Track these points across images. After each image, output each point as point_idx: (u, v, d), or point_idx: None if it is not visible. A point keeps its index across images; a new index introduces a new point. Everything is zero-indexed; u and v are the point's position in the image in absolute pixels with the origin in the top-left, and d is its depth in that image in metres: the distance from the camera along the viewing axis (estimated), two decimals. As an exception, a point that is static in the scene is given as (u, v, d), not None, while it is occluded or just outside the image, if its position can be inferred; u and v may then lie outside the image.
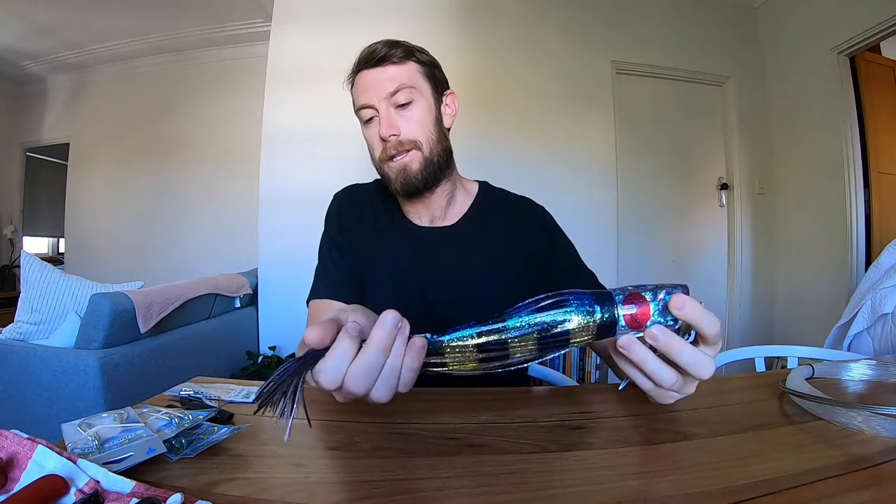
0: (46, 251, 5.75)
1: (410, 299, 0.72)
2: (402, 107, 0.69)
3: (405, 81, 0.69)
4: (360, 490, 0.33)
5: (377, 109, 0.69)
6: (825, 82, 2.35)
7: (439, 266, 0.74)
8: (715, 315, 0.37)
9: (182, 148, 3.50)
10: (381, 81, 0.69)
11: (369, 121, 0.71)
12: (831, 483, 0.33)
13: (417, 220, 0.77)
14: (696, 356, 0.36)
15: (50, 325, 1.52)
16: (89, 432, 0.38)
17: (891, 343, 1.24)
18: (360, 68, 0.71)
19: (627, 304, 0.36)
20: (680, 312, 0.35)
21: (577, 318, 0.34)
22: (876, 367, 0.59)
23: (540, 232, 0.79)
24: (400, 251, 0.75)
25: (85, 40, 3.43)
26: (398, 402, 0.52)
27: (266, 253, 2.38)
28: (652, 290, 0.36)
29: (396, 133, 0.69)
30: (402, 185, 0.71)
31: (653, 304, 0.36)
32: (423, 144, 0.70)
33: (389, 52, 0.69)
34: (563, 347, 0.35)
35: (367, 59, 0.70)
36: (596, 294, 0.36)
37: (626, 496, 0.32)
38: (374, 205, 0.80)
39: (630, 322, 0.36)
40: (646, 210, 2.63)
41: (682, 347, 0.36)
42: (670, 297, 0.36)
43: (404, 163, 0.70)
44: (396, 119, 0.69)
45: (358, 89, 0.72)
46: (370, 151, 0.74)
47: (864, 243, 2.24)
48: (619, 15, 2.58)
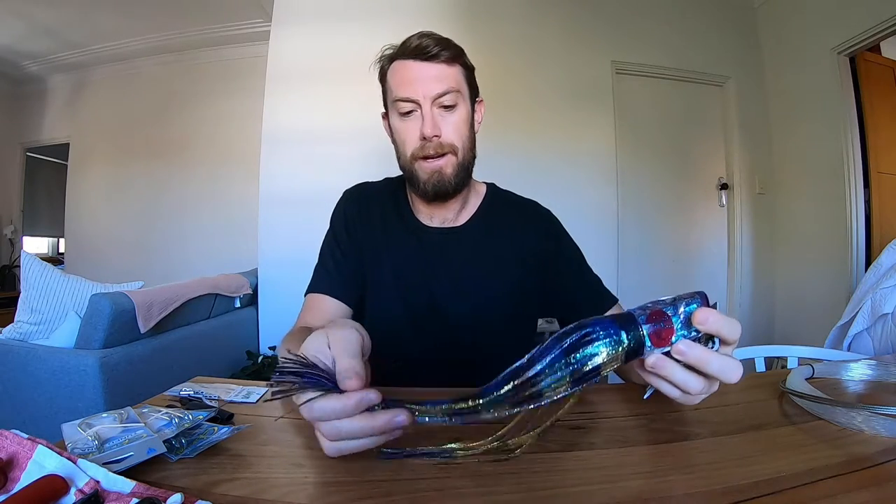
0: (46, 251, 5.75)
1: (415, 297, 0.72)
2: (446, 109, 0.68)
3: (453, 85, 0.68)
4: (360, 490, 0.33)
5: (420, 106, 0.67)
6: (825, 82, 2.35)
7: (447, 265, 0.73)
8: (734, 319, 0.37)
9: (182, 148, 3.50)
10: (429, 79, 0.67)
11: (407, 114, 0.69)
12: (831, 483, 0.33)
13: (428, 220, 0.77)
14: (724, 364, 0.37)
15: (50, 325, 1.52)
16: (89, 432, 0.38)
17: (891, 343, 1.24)
18: (404, 58, 0.69)
19: (650, 322, 0.36)
20: (703, 327, 0.36)
21: (606, 350, 0.34)
22: (876, 367, 0.59)
23: (546, 235, 0.79)
24: (406, 250, 0.74)
25: (85, 40, 3.43)
26: (398, 402, 0.52)
27: (266, 253, 2.38)
28: (672, 305, 0.36)
29: (440, 135, 0.68)
30: (433, 188, 0.69)
31: (674, 318, 0.36)
32: (458, 150, 0.70)
33: (441, 50, 0.67)
34: (594, 378, 0.35)
35: (414, 51, 0.67)
36: (619, 319, 0.36)
37: (626, 496, 0.32)
38: (383, 203, 0.79)
39: (655, 340, 0.36)
40: (646, 210, 2.63)
41: (710, 358, 0.36)
42: (692, 311, 0.36)
43: (440, 165, 0.69)
44: (440, 120, 0.68)
45: (398, 79, 0.69)
46: (399, 146, 0.72)
47: (864, 243, 2.24)
48: (619, 15, 2.58)
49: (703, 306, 0.37)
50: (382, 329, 0.72)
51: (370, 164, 2.12)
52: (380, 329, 0.72)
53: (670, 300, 0.37)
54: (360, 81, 2.37)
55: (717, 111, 2.75)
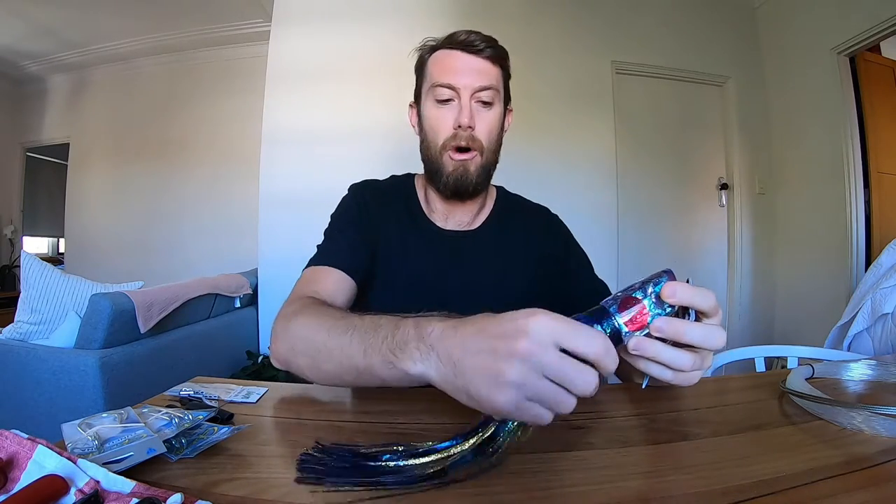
0: (46, 251, 5.75)
1: (426, 299, 0.70)
2: (483, 104, 0.68)
3: (494, 82, 0.68)
4: (360, 490, 0.33)
5: (459, 95, 0.67)
6: (825, 82, 2.35)
7: (460, 269, 0.73)
8: (706, 288, 0.38)
9: (182, 148, 3.50)
10: (472, 71, 0.67)
11: (445, 101, 0.68)
12: (831, 483, 0.33)
13: (442, 222, 0.76)
14: (704, 331, 0.37)
15: (50, 325, 1.52)
16: (89, 432, 0.37)
17: (891, 343, 1.24)
18: (449, 48, 0.69)
19: (623, 310, 0.36)
20: (673, 300, 0.37)
21: None
22: (876, 367, 0.59)
23: (556, 242, 0.79)
24: (420, 251, 0.73)
25: (85, 40, 3.43)
26: (398, 403, 0.52)
27: (266, 253, 2.38)
28: (640, 288, 0.37)
29: (474, 126, 0.67)
30: (454, 182, 0.69)
31: (646, 300, 0.37)
32: (485, 150, 0.69)
33: (487, 47, 0.68)
34: None
35: (461, 43, 0.68)
36: (590, 313, 0.36)
37: (626, 496, 0.32)
38: (395, 201, 0.78)
39: (632, 325, 0.36)
40: (646, 210, 2.63)
41: (687, 329, 0.37)
42: (660, 288, 0.37)
43: (465, 161, 0.69)
44: (476, 115, 0.68)
45: (442, 66, 0.69)
46: (429, 134, 0.71)
47: (864, 243, 2.24)
48: (619, 15, 2.58)
49: (670, 282, 0.37)
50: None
51: (370, 163, 2.13)
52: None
53: (639, 284, 0.38)
54: (360, 81, 2.39)
55: (717, 111, 2.75)
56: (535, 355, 0.31)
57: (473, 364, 0.33)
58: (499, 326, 0.33)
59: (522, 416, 0.32)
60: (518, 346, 0.31)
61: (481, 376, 0.32)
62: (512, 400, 0.31)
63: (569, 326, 0.32)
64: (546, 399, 0.32)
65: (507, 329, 0.33)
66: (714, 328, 0.38)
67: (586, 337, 0.32)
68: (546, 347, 0.31)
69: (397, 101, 2.46)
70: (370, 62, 2.37)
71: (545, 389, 0.31)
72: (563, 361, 0.31)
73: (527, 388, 0.31)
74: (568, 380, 0.31)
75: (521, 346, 0.31)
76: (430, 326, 0.37)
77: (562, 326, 0.32)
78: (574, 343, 0.32)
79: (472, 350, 0.34)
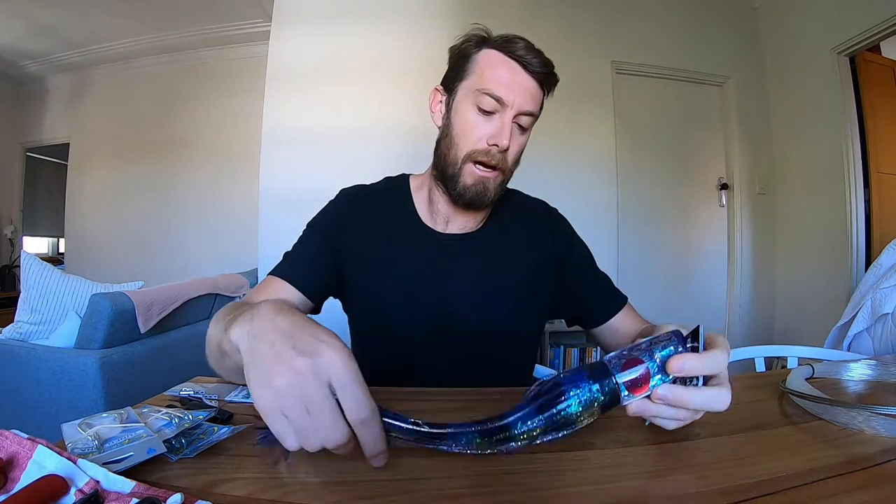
0: (46, 251, 5.75)
1: (424, 304, 0.69)
2: (520, 128, 0.66)
3: (536, 110, 0.66)
4: (361, 490, 0.33)
5: (503, 111, 0.63)
6: (825, 82, 2.35)
7: (462, 272, 0.71)
8: (719, 349, 0.37)
9: (182, 148, 3.50)
10: (525, 91, 0.64)
11: (488, 112, 0.64)
12: (831, 483, 0.33)
13: (442, 226, 0.72)
14: (708, 397, 0.37)
15: (50, 325, 1.52)
16: (89, 432, 0.38)
17: (891, 343, 1.24)
18: (508, 54, 0.64)
19: (625, 370, 0.36)
20: (681, 374, 0.36)
21: (580, 407, 0.34)
22: (876, 367, 0.59)
23: (559, 238, 0.77)
24: (414, 258, 0.71)
25: (85, 40, 3.43)
26: (398, 403, 0.52)
27: (266, 253, 2.38)
28: (647, 350, 0.36)
29: (508, 149, 0.65)
30: (472, 197, 0.66)
31: (650, 364, 0.36)
32: (507, 170, 0.68)
33: (542, 71, 0.64)
34: (569, 433, 0.35)
35: (521, 54, 0.63)
36: (592, 371, 0.36)
37: (626, 496, 0.32)
38: (385, 207, 0.74)
39: (633, 389, 0.35)
40: (646, 210, 2.63)
41: (692, 396, 0.37)
42: (668, 355, 0.36)
43: (487, 178, 0.66)
44: (512, 136, 0.65)
45: (496, 73, 0.64)
46: (456, 137, 0.66)
47: (864, 243, 2.24)
48: (618, 15, 2.58)
49: (679, 347, 0.36)
50: (386, 336, 0.71)
51: (371, 163, 2.13)
52: (383, 336, 0.71)
53: (646, 344, 0.37)
54: (360, 81, 2.39)
55: (717, 111, 2.75)
56: (305, 380, 0.31)
57: (261, 352, 0.34)
58: (302, 335, 0.34)
59: (272, 424, 0.32)
60: (298, 362, 0.32)
61: (259, 366, 0.33)
62: (268, 404, 0.31)
63: (350, 378, 0.32)
64: (295, 423, 0.31)
65: (304, 342, 0.33)
66: (720, 392, 0.37)
67: (355, 398, 0.32)
68: (318, 379, 0.31)
69: (398, 101, 2.48)
70: (370, 62, 2.37)
71: (298, 415, 0.31)
72: (323, 402, 0.31)
73: (284, 401, 0.31)
74: (316, 421, 0.31)
75: (300, 364, 0.31)
76: (264, 305, 0.38)
77: (345, 373, 0.32)
78: (342, 394, 0.32)
79: (268, 339, 0.34)
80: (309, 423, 0.31)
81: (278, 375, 0.31)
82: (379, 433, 0.33)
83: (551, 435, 0.35)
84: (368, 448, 0.33)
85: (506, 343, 0.71)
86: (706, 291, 2.71)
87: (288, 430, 0.31)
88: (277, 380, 0.31)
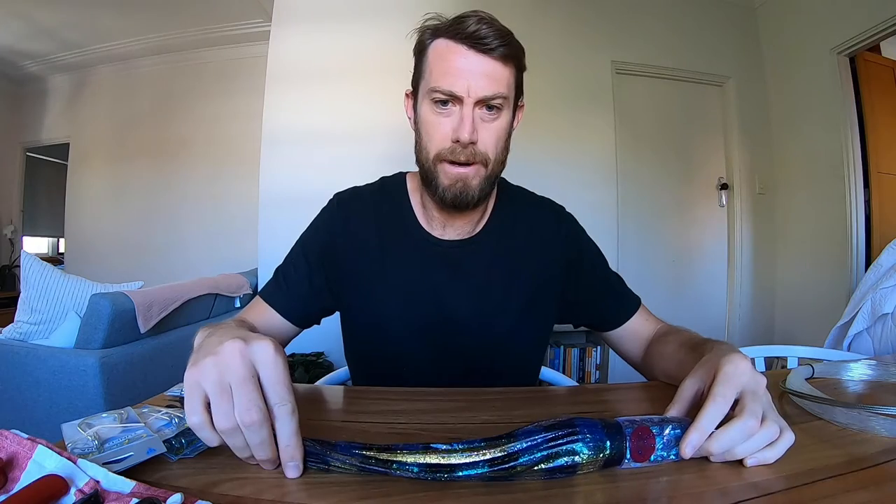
0: (46, 251, 5.74)
1: (422, 323, 0.66)
2: (489, 111, 0.59)
3: (503, 90, 0.58)
4: (361, 490, 0.33)
5: (460, 103, 0.57)
6: (825, 82, 2.35)
7: (463, 278, 0.67)
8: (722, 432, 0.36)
9: (182, 148, 3.50)
10: (479, 75, 0.57)
11: (442, 105, 0.59)
12: (831, 483, 0.33)
13: (440, 231, 0.68)
14: (756, 441, 0.36)
15: (50, 325, 1.52)
16: (89, 432, 0.37)
17: (891, 343, 1.24)
18: (454, 39, 0.57)
19: (635, 437, 0.36)
20: (688, 457, 0.36)
21: (587, 454, 0.34)
22: (876, 367, 0.59)
23: (568, 240, 0.73)
24: (413, 265, 0.67)
25: (85, 40, 3.43)
26: (398, 403, 0.52)
27: (266, 253, 2.38)
28: (659, 425, 0.37)
29: (476, 142, 0.59)
30: (452, 197, 0.61)
31: (658, 438, 0.36)
32: (490, 161, 0.61)
33: (500, 45, 0.57)
34: (565, 476, 0.35)
35: (469, 37, 0.56)
36: (607, 426, 0.36)
37: (626, 496, 0.32)
38: (381, 213, 0.70)
39: (635, 454, 0.36)
40: (646, 210, 2.63)
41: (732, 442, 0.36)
42: (676, 435, 0.36)
43: (466, 174, 0.60)
44: (479, 126, 0.59)
45: (443, 65, 0.58)
46: (423, 139, 0.62)
47: (864, 243, 2.24)
48: (619, 14, 2.58)
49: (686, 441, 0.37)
50: (383, 354, 0.69)
51: (370, 164, 2.12)
52: (381, 354, 0.69)
53: (658, 420, 0.38)
54: (360, 81, 2.39)
55: (717, 111, 2.75)
56: (232, 357, 0.34)
57: (206, 343, 0.38)
58: (248, 334, 0.37)
59: (187, 399, 0.34)
60: (230, 343, 0.35)
61: (198, 352, 0.36)
62: (191, 377, 0.34)
63: (276, 363, 0.35)
64: (214, 398, 0.33)
65: (247, 336, 0.36)
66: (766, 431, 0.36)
67: (276, 378, 0.34)
68: (244, 358, 0.34)
69: (397, 102, 2.47)
70: (370, 62, 2.37)
71: (218, 391, 0.33)
72: (245, 379, 0.33)
73: (207, 374, 0.33)
74: (236, 398, 0.33)
75: (231, 344, 0.35)
76: (230, 320, 0.42)
77: (271, 357, 0.35)
78: (263, 372, 0.34)
79: (217, 334, 0.39)
80: (228, 401, 0.33)
81: (209, 355, 0.34)
82: (294, 430, 0.34)
83: (546, 476, 0.34)
84: (283, 440, 0.33)
85: (507, 360, 0.69)
86: (706, 291, 2.71)
87: (198, 407, 0.33)
88: (207, 358, 0.34)
